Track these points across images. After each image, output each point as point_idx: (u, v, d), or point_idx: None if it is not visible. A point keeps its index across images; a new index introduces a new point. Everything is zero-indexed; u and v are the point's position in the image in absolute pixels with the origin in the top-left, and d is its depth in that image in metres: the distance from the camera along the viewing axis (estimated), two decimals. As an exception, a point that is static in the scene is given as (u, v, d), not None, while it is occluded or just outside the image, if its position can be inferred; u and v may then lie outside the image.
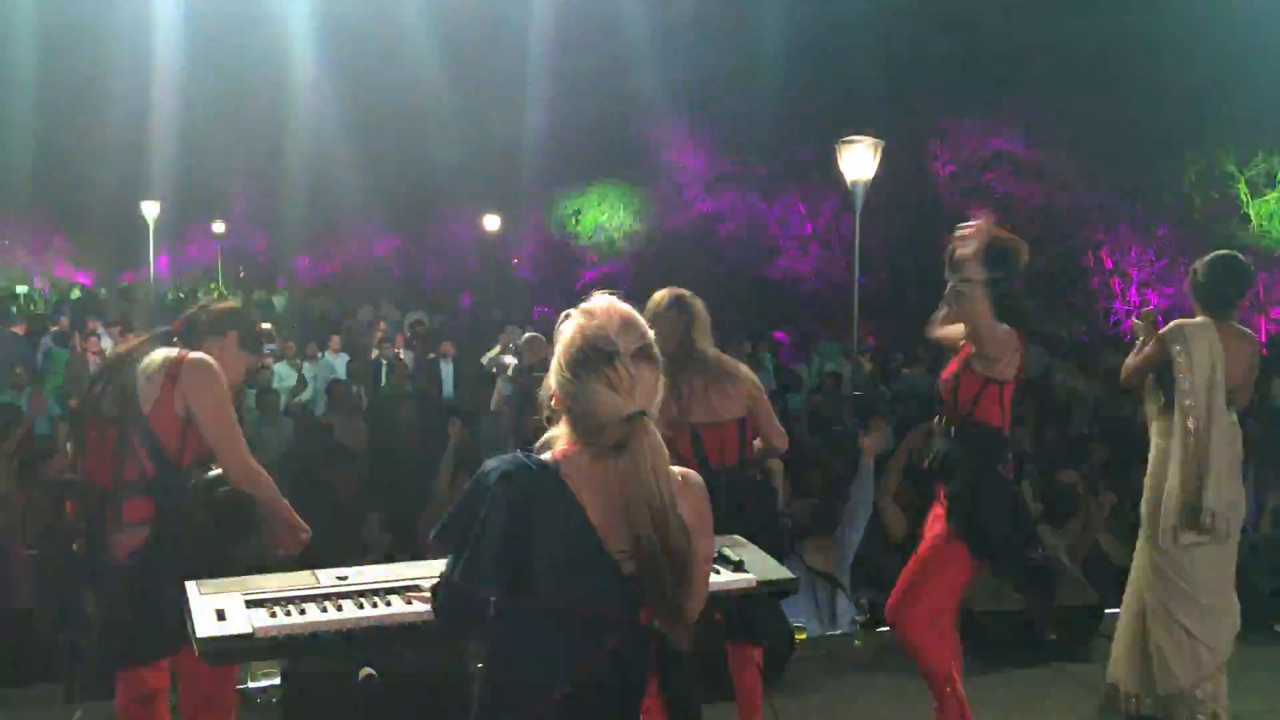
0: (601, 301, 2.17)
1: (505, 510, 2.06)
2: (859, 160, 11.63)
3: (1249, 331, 4.52)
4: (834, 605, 5.87)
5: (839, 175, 11.82)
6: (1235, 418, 4.50)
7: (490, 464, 2.12)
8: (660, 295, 4.19)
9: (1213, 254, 4.44)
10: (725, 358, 4.23)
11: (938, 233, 16.38)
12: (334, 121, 22.04)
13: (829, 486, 6.77)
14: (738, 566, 3.10)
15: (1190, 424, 4.32)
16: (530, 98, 20.05)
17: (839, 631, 5.84)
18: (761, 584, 3.06)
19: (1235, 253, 4.52)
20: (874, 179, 11.77)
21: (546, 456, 2.13)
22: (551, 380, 2.15)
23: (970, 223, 3.88)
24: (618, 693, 2.13)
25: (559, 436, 2.16)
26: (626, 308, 2.17)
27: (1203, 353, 4.31)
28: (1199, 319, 4.39)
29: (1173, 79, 13.28)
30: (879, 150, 11.71)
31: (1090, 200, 14.40)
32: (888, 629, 5.90)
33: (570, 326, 2.14)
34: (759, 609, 4.12)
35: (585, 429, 2.10)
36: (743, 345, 13.61)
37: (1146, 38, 13.63)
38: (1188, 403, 4.33)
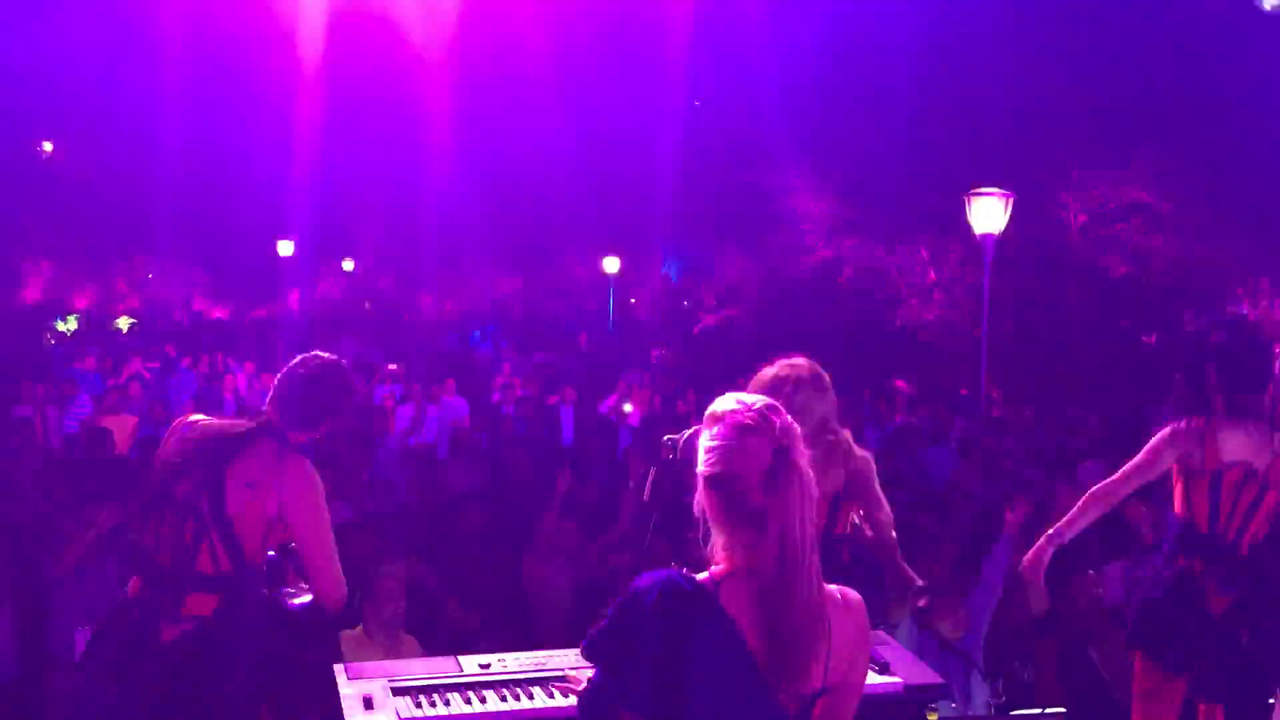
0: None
1: (660, 633, 1.97)
2: (988, 212, 11.41)
3: None
4: (968, 685, 5.68)
5: (965, 224, 11.60)
6: None
7: (645, 581, 2.03)
8: (782, 368, 4.05)
9: None
10: (836, 431, 4.09)
11: (1068, 284, 16.03)
12: (461, 163, 22.58)
13: (956, 557, 6.59)
14: (884, 668, 3.02)
15: None
16: (655, 140, 20.23)
17: (974, 715, 5.64)
18: (910, 689, 2.98)
19: None
20: (1006, 227, 11.51)
21: (703, 576, 2.05)
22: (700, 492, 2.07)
23: None
24: None
25: (715, 552, 2.07)
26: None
27: None
28: None
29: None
30: (1009, 204, 11.47)
31: (1229, 252, 13.86)
32: (1032, 711, 5.72)
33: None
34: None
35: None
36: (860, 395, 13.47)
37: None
38: None
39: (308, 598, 3.11)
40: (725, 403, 2.09)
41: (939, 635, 5.51)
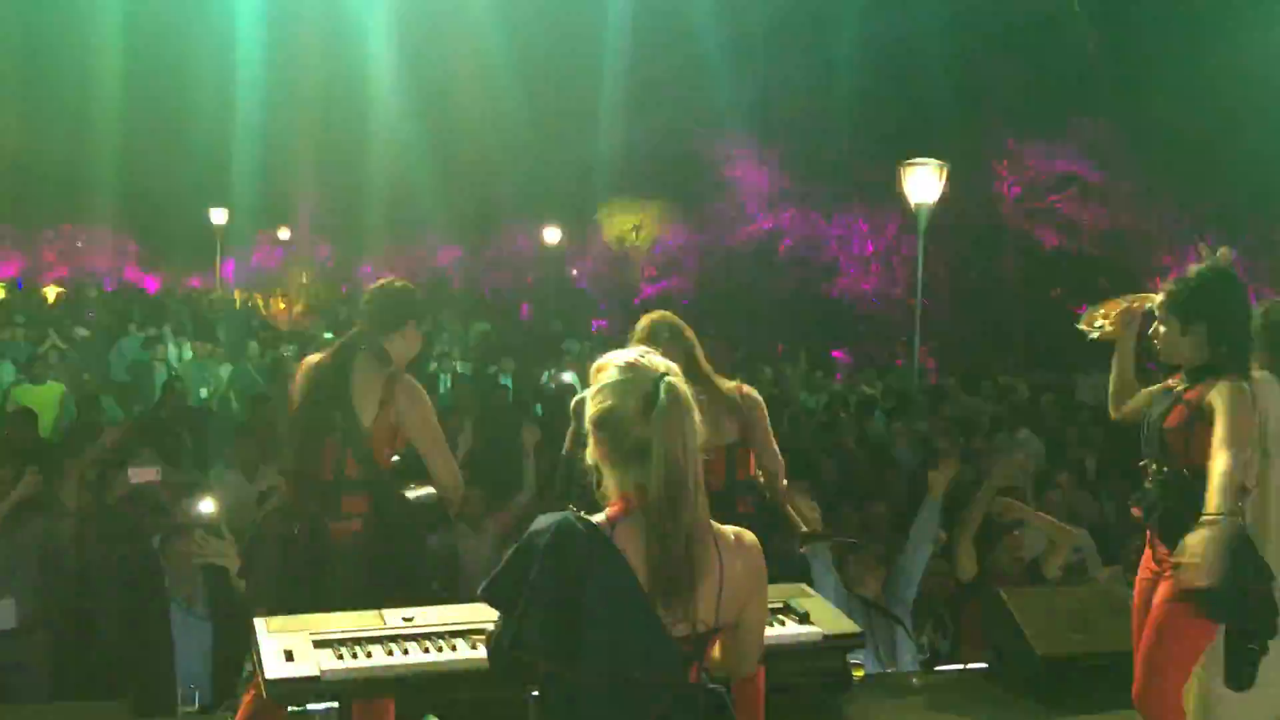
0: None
1: (554, 574, 2.03)
2: (923, 183, 11.53)
3: None
4: (893, 643, 5.79)
5: (903, 195, 11.72)
6: None
7: (540, 524, 2.09)
8: (650, 320, 4.18)
9: None
10: (721, 381, 4.20)
11: (1002, 254, 16.28)
12: (399, 132, 22.31)
13: (885, 518, 6.71)
14: (803, 619, 3.07)
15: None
16: (595, 111, 20.14)
17: (898, 670, 5.75)
18: (828, 638, 3.03)
19: None
20: (940, 198, 11.65)
21: (598, 518, 2.10)
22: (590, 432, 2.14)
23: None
24: None
25: (608, 496, 2.13)
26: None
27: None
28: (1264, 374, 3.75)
29: (1243, 103, 13.03)
30: (944, 173, 11.60)
31: (1157, 225, 14.14)
32: (954, 666, 5.85)
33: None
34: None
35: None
36: (798, 364, 13.60)
37: (1222, 59, 13.39)
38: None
39: (428, 489, 3.75)
40: (606, 356, 2.17)
41: (862, 595, 5.62)
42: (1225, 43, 13.45)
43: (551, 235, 23.85)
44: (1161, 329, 3.63)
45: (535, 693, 2.22)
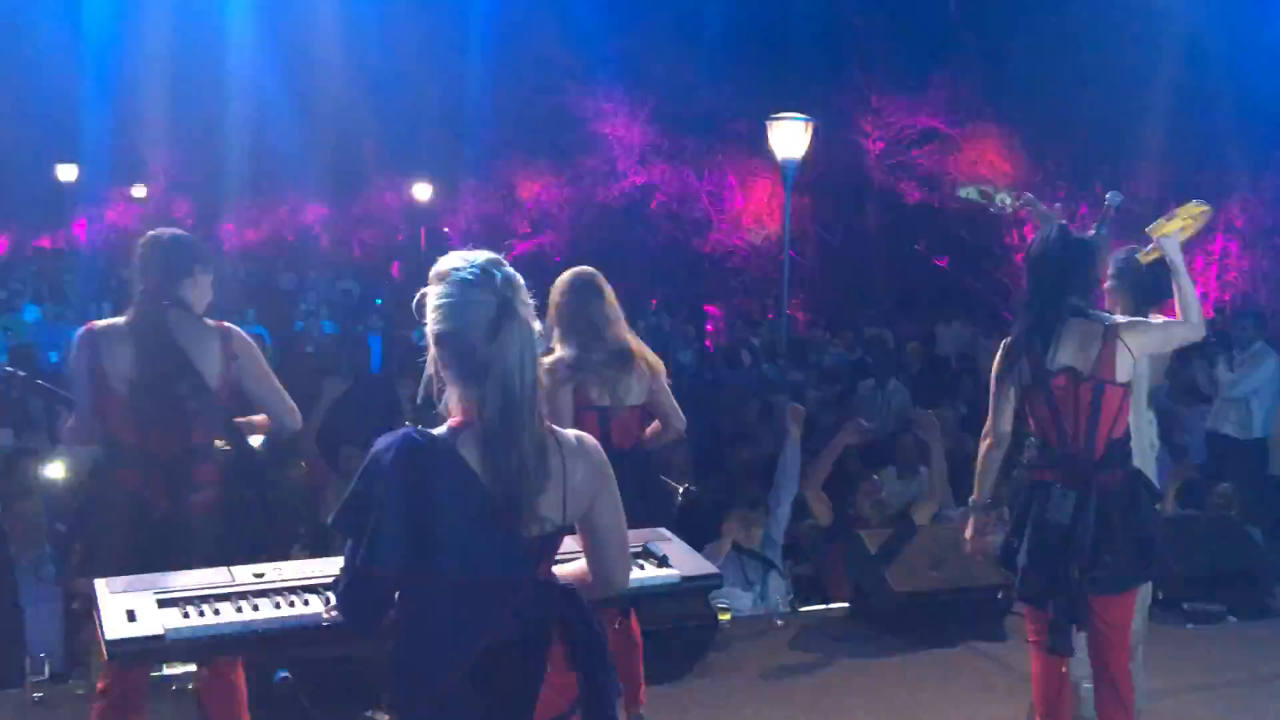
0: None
1: (401, 488, 2.04)
2: (790, 138, 11.65)
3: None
4: (766, 584, 5.93)
5: (772, 151, 11.83)
6: (1153, 413, 4.51)
7: (382, 442, 2.09)
8: (567, 276, 4.18)
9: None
10: (633, 341, 4.22)
11: (867, 208, 16.58)
12: (259, 86, 21.55)
13: (756, 465, 6.84)
14: (662, 562, 3.10)
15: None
16: (462, 65, 19.79)
17: (765, 612, 5.89)
18: (686, 579, 3.06)
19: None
20: (808, 153, 11.79)
21: (440, 430, 2.13)
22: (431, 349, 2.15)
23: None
24: (523, 652, 2.14)
25: (450, 406, 2.15)
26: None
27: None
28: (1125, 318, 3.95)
29: (1094, 58, 13.48)
30: (810, 129, 11.73)
31: (1015, 178, 14.58)
32: (819, 606, 6.02)
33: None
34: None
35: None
36: (660, 319, 13.67)
37: (1074, 15, 13.81)
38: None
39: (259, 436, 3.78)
40: (448, 260, 2.15)
41: (736, 544, 5.75)
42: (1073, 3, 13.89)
43: (422, 192, 23.43)
44: None
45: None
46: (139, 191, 27.33)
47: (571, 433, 2.25)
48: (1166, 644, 5.76)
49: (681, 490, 4.72)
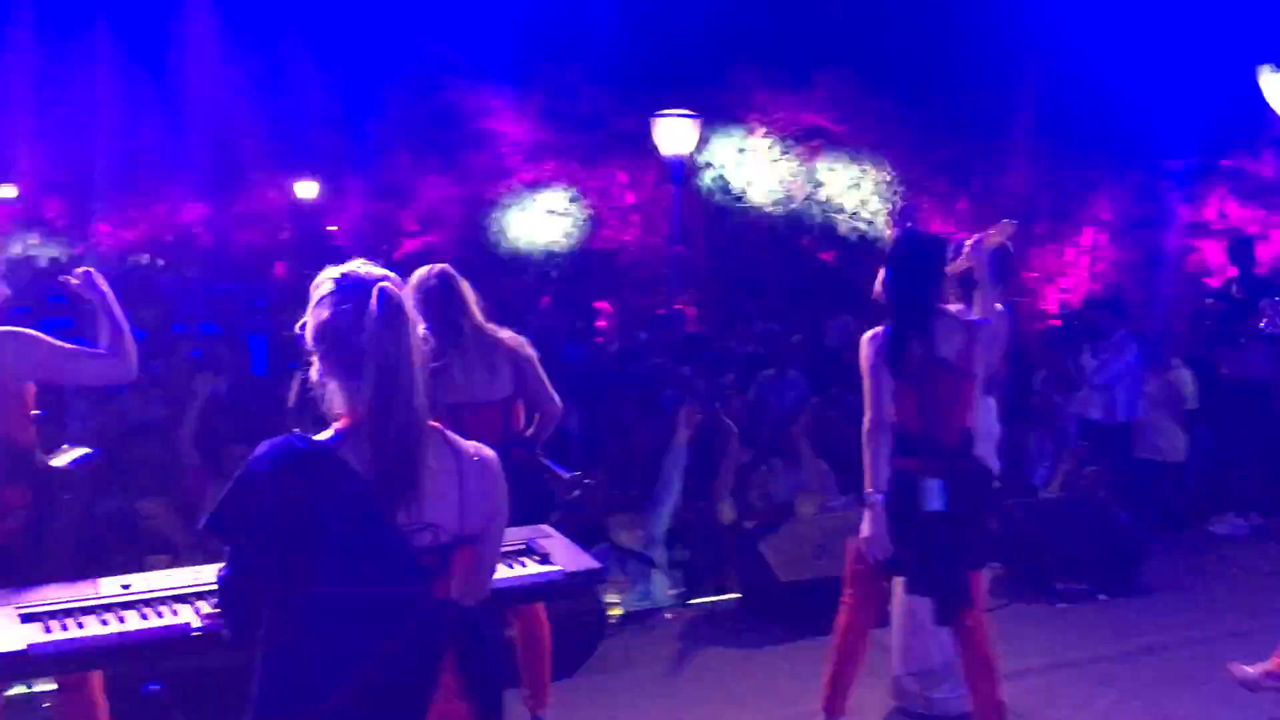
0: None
1: (279, 495, 1.98)
2: (676, 134, 11.74)
3: (1002, 310, 4.49)
4: (649, 582, 5.98)
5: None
6: (992, 400, 4.66)
7: (260, 449, 2.04)
8: (424, 271, 4.17)
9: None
10: (496, 333, 4.20)
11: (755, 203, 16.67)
12: (135, 80, 20.86)
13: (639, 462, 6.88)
14: (544, 559, 3.12)
15: None
16: (347, 60, 19.43)
17: (653, 607, 5.94)
18: (569, 575, 3.08)
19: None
20: (695, 149, 11.89)
21: (323, 434, 2.09)
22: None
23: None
24: (410, 678, 2.06)
25: (333, 409, 2.12)
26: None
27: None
28: (958, 306, 4.29)
29: (969, 55, 13.87)
30: (697, 124, 11.84)
31: (895, 173, 14.93)
32: (708, 599, 6.10)
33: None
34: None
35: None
36: (565, 315, 13.66)
37: (949, 14, 14.19)
38: None
39: (78, 451, 3.53)
40: (326, 272, 2.16)
41: (617, 544, 5.78)
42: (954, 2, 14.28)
43: (307, 190, 22.94)
44: None
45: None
46: (8, 191, 26.20)
47: (470, 443, 2.21)
48: (1040, 622, 6.00)
49: (570, 478, 4.71)
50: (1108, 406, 8.21)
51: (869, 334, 3.99)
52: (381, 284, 2.07)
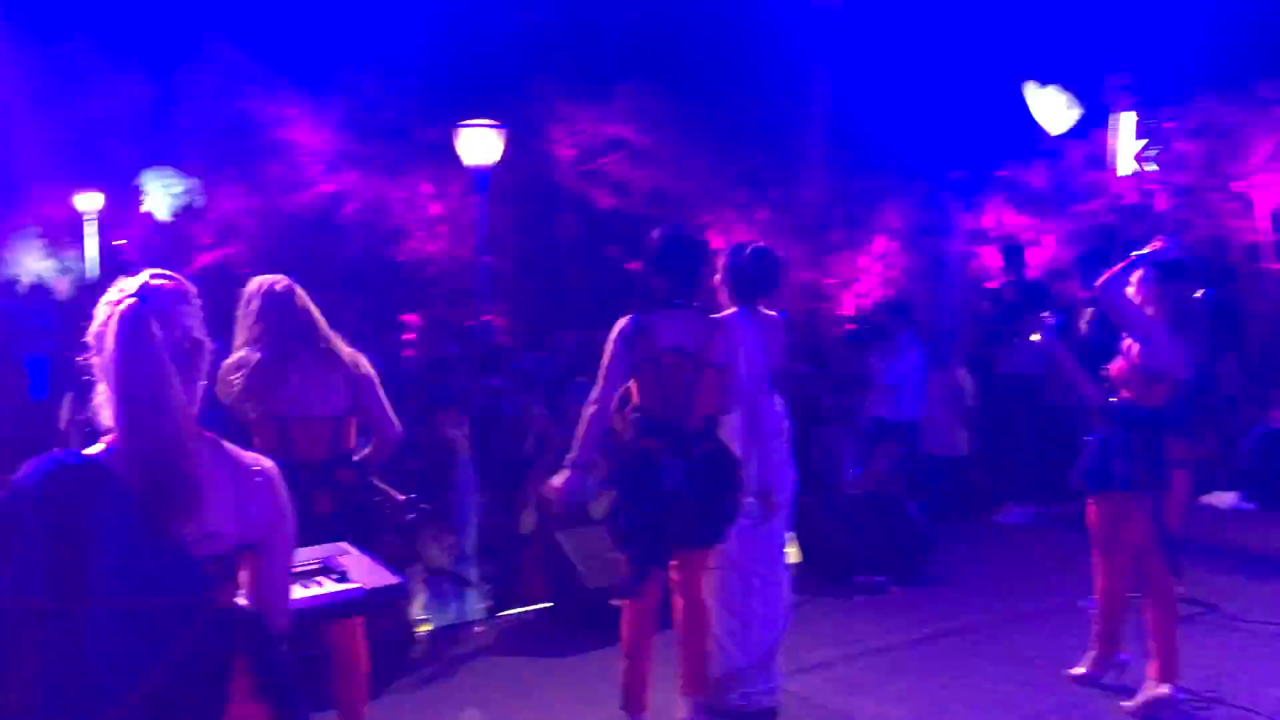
0: None
1: (46, 511, 1.95)
2: (480, 144, 11.70)
3: (775, 314, 4.83)
4: (460, 596, 5.94)
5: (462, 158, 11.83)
6: (780, 398, 4.88)
7: (27, 466, 2.00)
8: (256, 281, 4.08)
9: (755, 247, 4.77)
10: (336, 348, 4.12)
11: (560, 215, 16.80)
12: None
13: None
14: (342, 577, 3.06)
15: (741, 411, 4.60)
16: (136, 66, 18.55)
17: (464, 620, 5.91)
18: (370, 593, 3.03)
19: (769, 247, 4.85)
20: (500, 160, 11.85)
21: (93, 448, 2.08)
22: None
23: None
24: (200, 685, 2.04)
25: (105, 423, 2.11)
26: None
27: (742, 341, 4.53)
28: (734, 310, 4.66)
29: (767, 70, 14.35)
30: (502, 135, 11.83)
31: (697, 184, 15.26)
32: (511, 611, 6.10)
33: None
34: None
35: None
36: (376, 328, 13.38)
37: (746, 29, 14.63)
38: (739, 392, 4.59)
39: None
40: (116, 284, 2.16)
41: (426, 562, 5.73)
42: (751, 14, 14.72)
43: (93, 202, 21.74)
44: None
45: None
46: None
47: (250, 454, 2.22)
48: (838, 615, 6.26)
49: (405, 499, 4.66)
50: (895, 405, 8.65)
51: (620, 322, 4.24)
52: (129, 300, 2.07)
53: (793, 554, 6.75)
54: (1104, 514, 4.90)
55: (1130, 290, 4.69)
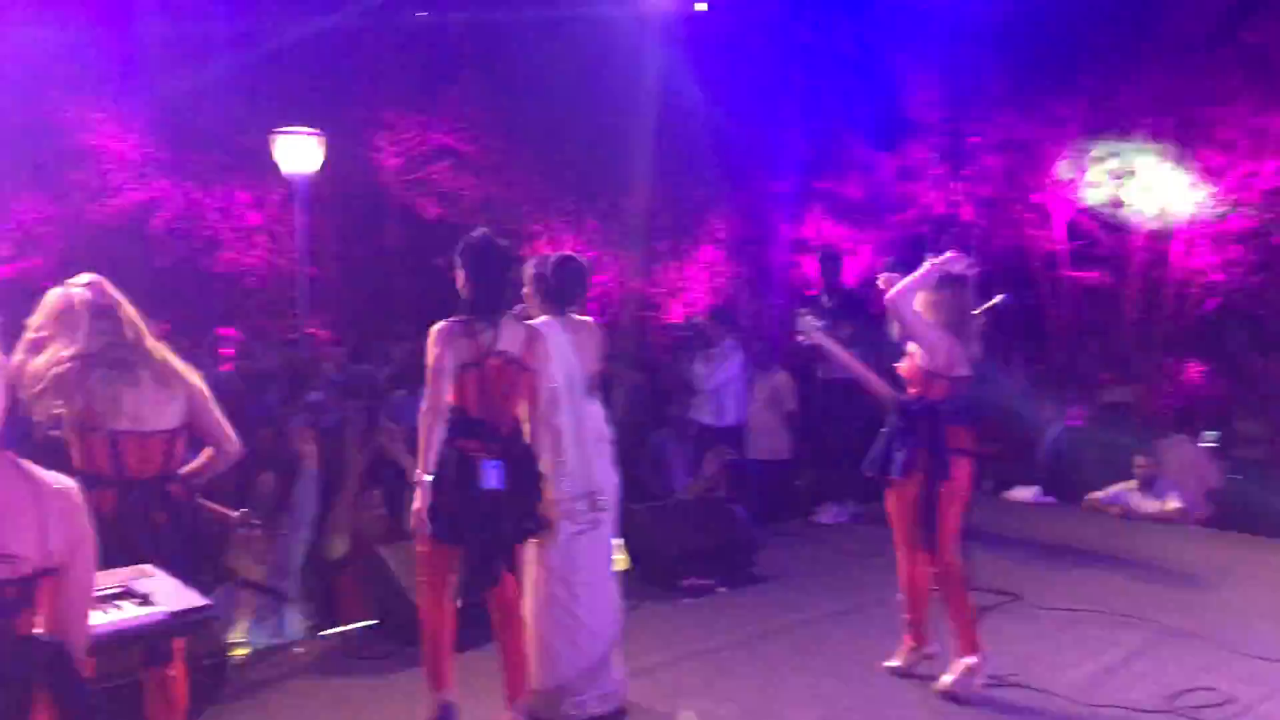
0: None
1: None
2: (299, 152, 11.41)
3: (589, 320, 4.94)
4: (281, 616, 5.76)
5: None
6: (598, 404, 4.94)
7: None
8: (68, 287, 3.90)
9: (559, 255, 4.91)
10: (169, 359, 3.97)
11: (387, 224, 16.50)
12: None
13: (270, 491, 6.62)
14: (144, 600, 2.94)
15: (559, 419, 4.66)
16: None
17: (285, 641, 5.73)
18: (174, 615, 2.92)
19: (575, 254, 5.00)
20: (323, 169, 11.57)
21: None
22: None
23: None
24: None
25: None
26: None
27: (554, 349, 4.64)
28: (545, 319, 4.73)
29: (594, 79, 14.43)
30: (322, 142, 11.56)
31: (525, 193, 15.23)
32: (335, 630, 5.95)
33: None
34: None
35: None
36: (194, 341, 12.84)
37: (572, 39, 14.67)
38: (557, 400, 4.66)
39: None
40: None
41: (238, 576, 5.53)
42: (577, 24, 14.78)
43: None
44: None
45: None
46: None
47: (51, 473, 2.12)
48: (666, 620, 6.34)
49: (238, 516, 4.51)
50: (717, 411, 8.85)
51: (438, 325, 4.31)
52: None
53: (621, 561, 6.83)
54: (892, 500, 5.30)
55: (919, 297, 5.09)
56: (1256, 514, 8.31)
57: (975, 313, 5.30)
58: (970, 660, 5.10)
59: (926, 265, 5.06)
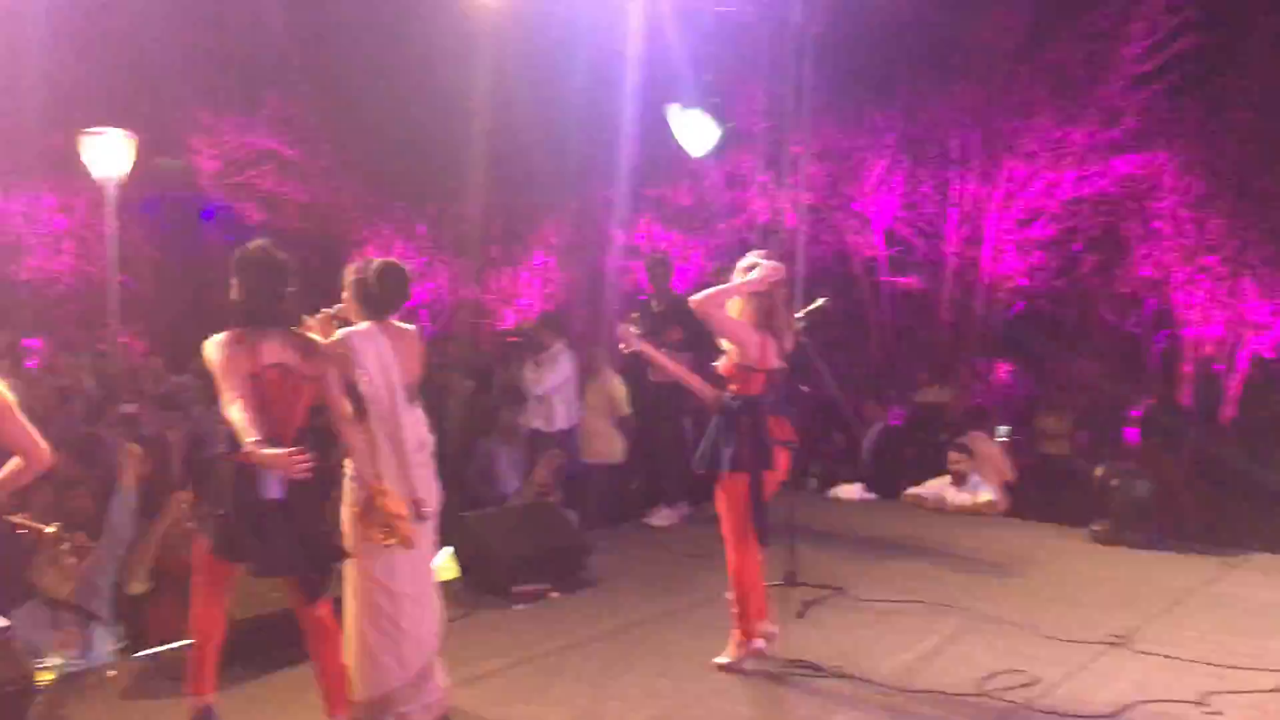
0: None
1: None
2: (109, 153, 10.90)
3: (410, 327, 4.87)
4: (89, 636, 5.48)
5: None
6: (420, 411, 4.88)
7: None
8: None
9: (380, 262, 4.79)
10: None
11: (203, 231, 15.86)
12: None
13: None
14: (-71, 624, 2.77)
15: (378, 426, 4.59)
16: None
17: (95, 664, 5.45)
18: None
19: (398, 261, 4.87)
20: (136, 173, 11.08)
21: None
22: None
23: None
24: None
25: None
26: None
27: (373, 355, 4.58)
28: (365, 325, 4.66)
29: (425, 84, 14.21)
30: (134, 144, 11.06)
31: (353, 198, 14.92)
32: (146, 652, 5.69)
33: None
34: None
35: None
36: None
37: (404, 47, 14.41)
38: (374, 407, 4.59)
39: None
40: None
41: (44, 594, 5.25)
42: (409, 30, 14.53)
43: None
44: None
45: None
46: None
47: None
48: (499, 626, 6.31)
49: (51, 532, 4.25)
50: (547, 416, 8.88)
51: (215, 338, 4.29)
52: None
53: (450, 569, 6.77)
54: (721, 495, 5.46)
55: (735, 301, 5.37)
56: (1053, 504, 8.91)
57: (798, 315, 5.48)
58: (756, 645, 5.48)
59: (737, 279, 5.37)
